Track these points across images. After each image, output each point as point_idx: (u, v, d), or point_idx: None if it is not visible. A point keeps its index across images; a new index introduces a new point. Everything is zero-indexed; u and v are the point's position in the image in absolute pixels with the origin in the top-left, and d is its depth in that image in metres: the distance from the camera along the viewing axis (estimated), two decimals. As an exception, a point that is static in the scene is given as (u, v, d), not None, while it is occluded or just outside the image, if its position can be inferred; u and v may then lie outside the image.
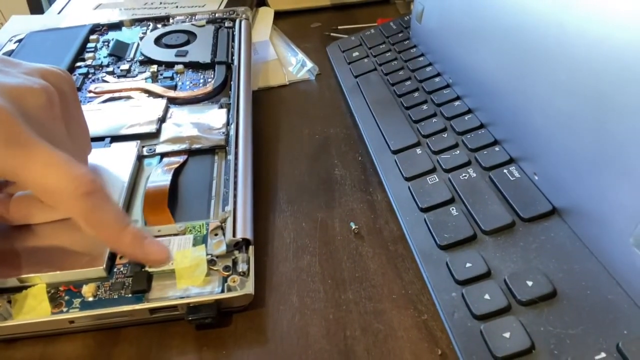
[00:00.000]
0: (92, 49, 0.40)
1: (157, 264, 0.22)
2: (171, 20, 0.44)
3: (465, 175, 0.26)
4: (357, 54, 0.41)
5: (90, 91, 0.35)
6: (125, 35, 0.42)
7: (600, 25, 0.20)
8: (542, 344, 0.18)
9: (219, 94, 0.35)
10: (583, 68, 0.21)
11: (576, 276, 0.20)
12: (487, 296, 0.20)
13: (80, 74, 0.37)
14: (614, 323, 0.18)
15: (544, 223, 0.22)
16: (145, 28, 0.43)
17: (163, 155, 0.29)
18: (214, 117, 0.32)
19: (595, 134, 0.20)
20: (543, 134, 0.23)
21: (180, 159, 0.29)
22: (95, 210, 0.20)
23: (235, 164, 0.28)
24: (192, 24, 0.42)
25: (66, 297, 0.22)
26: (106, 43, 0.41)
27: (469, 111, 0.30)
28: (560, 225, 0.22)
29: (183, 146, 0.30)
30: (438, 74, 0.35)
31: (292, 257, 0.25)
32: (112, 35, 0.42)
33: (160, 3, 0.54)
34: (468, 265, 0.21)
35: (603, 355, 0.17)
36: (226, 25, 0.42)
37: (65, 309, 0.22)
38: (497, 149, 0.27)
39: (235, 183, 0.27)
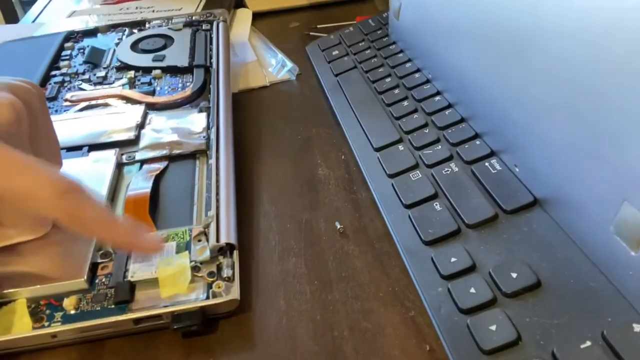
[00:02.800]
0: (67, 57, 0.40)
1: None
2: (147, 25, 0.43)
3: (448, 170, 0.26)
4: (336, 52, 0.41)
5: (66, 100, 0.35)
6: (101, 41, 0.42)
7: (572, 15, 0.20)
8: (528, 335, 0.18)
9: (198, 98, 0.34)
10: (557, 59, 0.21)
11: (559, 266, 0.20)
12: (472, 290, 0.20)
13: (55, 83, 0.37)
14: (598, 311, 0.18)
15: (526, 214, 0.22)
16: (121, 34, 0.42)
17: (143, 162, 0.29)
18: (194, 121, 0.32)
19: (572, 124, 0.20)
20: (522, 126, 0.23)
21: (160, 165, 0.29)
22: (80, 207, 0.19)
23: (217, 168, 0.28)
24: (169, 28, 0.42)
25: (47, 311, 0.22)
26: (81, 50, 0.40)
27: (449, 106, 0.30)
28: (542, 216, 0.22)
29: (163, 152, 0.29)
30: (418, 70, 0.35)
31: (278, 260, 0.25)
32: (88, 42, 0.41)
33: (136, 8, 0.53)
34: (453, 259, 0.21)
35: (588, 343, 0.17)
36: (204, 28, 0.42)
37: (46, 324, 0.21)
38: (478, 142, 0.27)
39: (217, 187, 0.26)
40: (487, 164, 0.25)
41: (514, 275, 0.20)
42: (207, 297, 0.22)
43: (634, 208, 0.17)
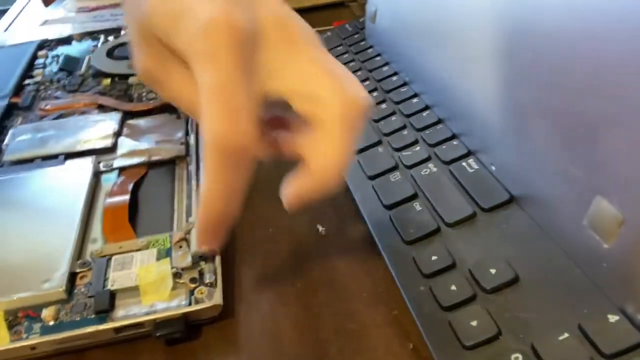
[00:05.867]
0: (41, 65, 0.39)
1: None
2: (123, 32, 0.43)
3: (427, 171, 0.26)
4: (314, 57, 0.41)
5: (41, 109, 0.34)
6: (75, 49, 0.41)
7: (543, 17, 0.21)
8: (508, 329, 0.18)
9: (176, 104, 0.34)
10: (528, 59, 0.22)
11: (536, 261, 0.20)
12: (453, 287, 0.20)
13: (29, 92, 0.36)
14: (574, 303, 0.19)
15: (503, 212, 0.23)
16: (96, 41, 0.42)
17: (121, 169, 0.29)
18: (173, 127, 0.31)
19: (545, 122, 0.21)
20: (496, 125, 0.24)
21: (139, 172, 0.28)
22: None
23: (197, 173, 0.27)
24: (146, 35, 0.41)
25: (25, 323, 0.21)
26: (55, 58, 0.40)
27: (427, 108, 0.31)
28: (519, 213, 0.22)
29: (142, 159, 0.29)
30: (395, 73, 0.35)
31: (261, 264, 0.25)
32: (62, 50, 0.41)
33: (111, 15, 0.53)
34: (434, 258, 0.22)
35: (566, 335, 0.18)
36: (181, 34, 0.42)
37: (25, 336, 0.21)
38: (455, 142, 0.27)
39: (198, 193, 0.26)
40: (464, 163, 0.26)
41: (493, 271, 0.20)
42: (190, 304, 0.21)
43: (606, 201, 0.18)
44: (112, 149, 0.30)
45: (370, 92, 0.34)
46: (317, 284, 0.24)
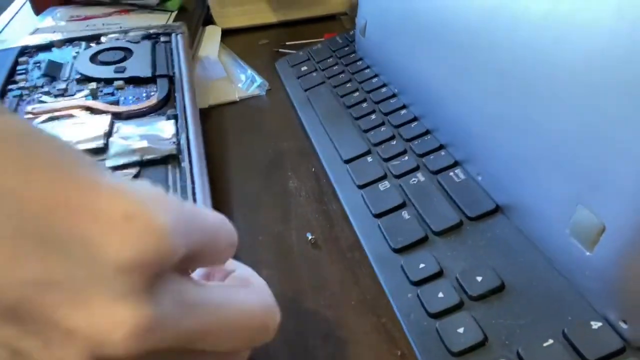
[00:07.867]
0: (23, 71, 0.39)
1: None
2: (103, 39, 0.43)
3: (415, 180, 0.27)
4: (305, 68, 0.42)
5: (27, 112, 0.34)
6: (57, 55, 0.41)
7: (523, 31, 0.22)
8: (494, 336, 0.19)
9: (164, 107, 0.34)
10: (510, 71, 0.22)
11: (522, 269, 0.21)
12: (440, 294, 0.21)
13: (14, 97, 0.36)
14: (559, 310, 0.19)
15: (489, 221, 0.23)
16: (78, 48, 0.42)
17: (113, 169, 0.29)
18: (163, 128, 0.31)
19: (528, 133, 0.21)
20: (482, 136, 0.25)
21: (132, 172, 0.28)
22: None
23: (191, 170, 0.28)
24: (128, 41, 0.42)
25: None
26: (37, 64, 0.40)
27: (415, 119, 0.31)
28: (504, 222, 0.23)
29: (134, 158, 0.29)
30: (384, 85, 0.36)
31: (249, 271, 0.25)
32: (44, 57, 0.41)
33: (103, 24, 0.52)
34: (421, 266, 0.22)
35: (551, 341, 0.18)
36: (162, 40, 0.42)
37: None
38: (442, 153, 0.28)
39: (193, 189, 0.26)
40: (451, 173, 0.26)
41: (479, 279, 0.21)
42: (177, 309, 0.21)
43: (587, 210, 0.18)
44: (103, 149, 0.30)
45: (359, 102, 0.35)
46: (306, 291, 0.24)
